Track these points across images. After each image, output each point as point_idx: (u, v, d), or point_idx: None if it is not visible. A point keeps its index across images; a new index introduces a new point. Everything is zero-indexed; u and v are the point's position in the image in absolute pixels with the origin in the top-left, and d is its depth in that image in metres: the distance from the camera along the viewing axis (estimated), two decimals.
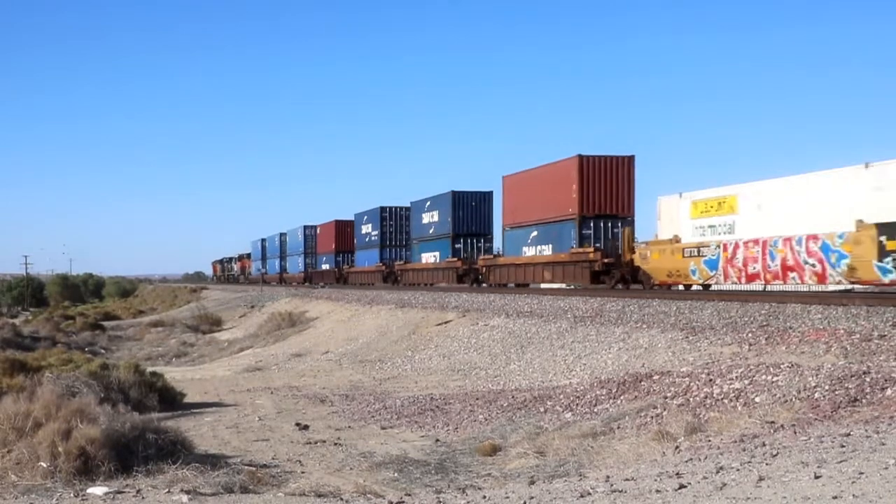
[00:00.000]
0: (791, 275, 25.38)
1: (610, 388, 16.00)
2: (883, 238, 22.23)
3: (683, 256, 30.20)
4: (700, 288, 29.78)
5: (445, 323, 30.45)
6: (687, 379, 14.76)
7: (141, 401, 19.34)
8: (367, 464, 13.66)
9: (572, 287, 38.94)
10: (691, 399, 13.67)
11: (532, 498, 8.44)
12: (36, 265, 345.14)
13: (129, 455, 11.97)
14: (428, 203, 55.85)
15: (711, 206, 29.31)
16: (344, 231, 73.28)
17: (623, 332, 21.10)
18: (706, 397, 13.52)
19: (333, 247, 75.53)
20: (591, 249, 36.63)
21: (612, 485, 8.53)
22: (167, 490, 9.94)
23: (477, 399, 18.60)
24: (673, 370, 16.15)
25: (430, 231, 55.51)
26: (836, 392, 12.01)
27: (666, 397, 14.16)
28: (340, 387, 23.44)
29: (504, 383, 20.50)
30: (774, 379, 13.31)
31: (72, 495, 9.61)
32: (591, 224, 37.74)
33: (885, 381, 12.04)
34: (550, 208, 40.10)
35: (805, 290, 25.80)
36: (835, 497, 6.55)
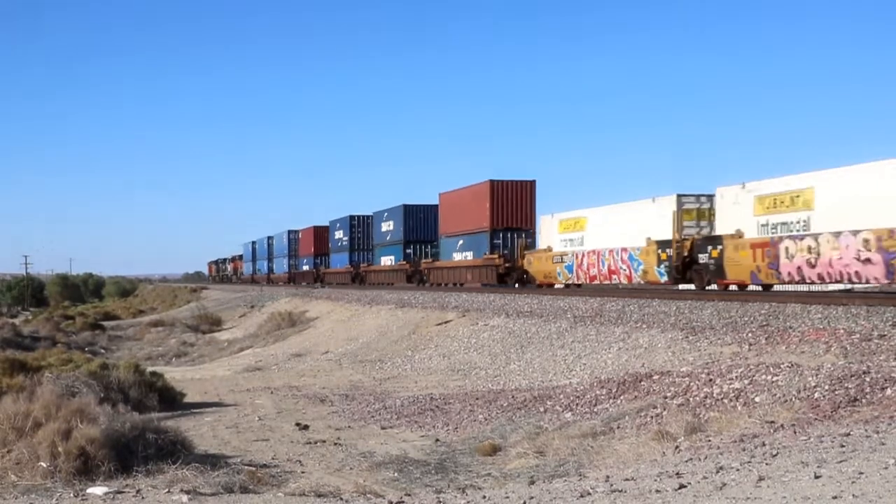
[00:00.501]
0: (614, 276, 35.83)
1: (610, 387, 16.00)
2: (660, 251, 32.02)
3: (553, 262, 40.67)
4: (562, 286, 39.81)
5: (445, 323, 30.45)
6: (687, 379, 14.76)
7: (141, 401, 19.32)
8: (367, 464, 13.67)
9: (486, 285, 47.17)
10: (691, 399, 13.67)
11: (532, 498, 8.44)
12: (36, 265, 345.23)
13: (129, 455, 11.96)
14: (386, 214, 64.20)
15: (570, 225, 39.69)
16: (321, 236, 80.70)
17: (623, 332, 21.10)
18: (706, 397, 13.53)
19: (312, 250, 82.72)
20: (496, 256, 46.54)
21: (611, 485, 8.53)
22: (167, 490, 9.94)
23: (477, 399, 18.60)
24: (673, 370, 16.15)
25: (388, 238, 63.56)
26: (836, 392, 12.01)
27: (666, 397, 14.16)
28: (340, 387, 23.44)
29: (504, 383, 20.49)
30: (774, 379, 13.31)
31: (72, 495, 9.61)
32: (500, 235, 47.00)
33: (885, 380, 12.04)
34: (471, 222, 49.49)
35: (804, 290, 25.91)
36: (835, 497, 6.55)
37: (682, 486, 7.82)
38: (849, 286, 27.31)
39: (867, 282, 24.29)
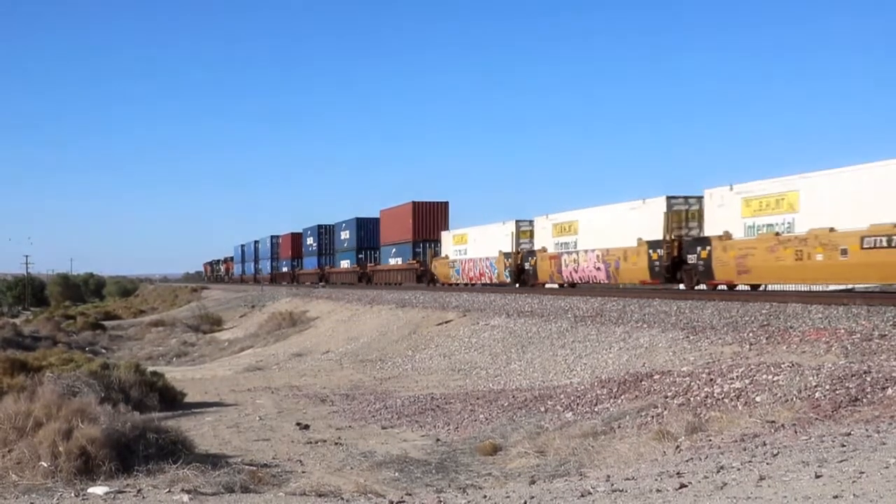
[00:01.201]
0: (483, 277, 48.95)
1: (610, 387, 15.99)
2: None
3: (449, 267, 53.72)
4: (455, 283, 51.48)
5: (446, 322, 30.46)
6: (688, 378, 14.76)
7: (141, 400, 19.35)
8: (367, 463, 13.67)
9: (408, 284, 58.87)
10: (692, 398, 13.66)
11: (532, 497, 8.44)
12: (37, 265, 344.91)
13: (129, 455, 11.98)
14: (343, 224, 76.77)
15: (458, 239, 52.94)
16: (297, 241, 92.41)
17: (624, 332, 21.10)
18: (707, 397, 13.52)
19: (290, 254, 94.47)
20: (416, 261, 59.05)
21: (612, 484, 8.53)
22: (168, 490, 9.94)
23: (477, 399, 18.61)
24: (674, 370, 16.15)
25: (345, 245, 76.01)
26: (837, 391, 12.01)
27: (667, 397, 14.16)
28: (341, 386, 23.45)
29: (505, 383, 20.50)
30: (775, 378, 13.31)
31: (72, 495, 9.61)
32: (421, 245, 59.31)
33: (886, 380, 12.04)
34: (400, 234, 62.47)
35: (805, 289, 25.90)
36: (835, 496, 6.55)
37: (682, 486, 7.82)
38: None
39: (599, 281, 36.40)
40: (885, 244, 21.55)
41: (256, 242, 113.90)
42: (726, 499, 7.05)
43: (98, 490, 9.83)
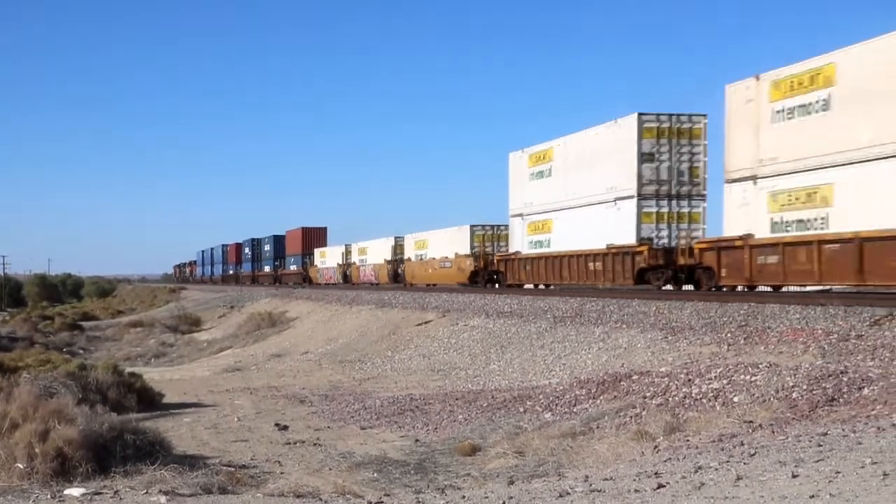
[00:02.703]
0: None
1: (589, 388, 16.03)
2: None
3: (318, 273, 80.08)
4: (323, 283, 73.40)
5: (425, 323, 30.44)
6: (666, 379, 14.81)
7: (119, 401, 19.25)
8: (346, 464, 13.63)
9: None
10: (670, 399, 13.71)
11: (511, 498, 8.44)
12: (14, 265, 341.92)
13: (106, 456, 11.89)
14: (266, 239, 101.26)
15: (321, 254, 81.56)
16: (239, 249, 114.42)
17: (603, 332, 21.14)
18: (685, 397, 13.57)
19: (234, 259, 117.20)
20: (302, 268, 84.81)
21: (591, 484, 8.54)
22: (145, 491, 9.87)
23: (457, 399, 18.60)
24: (652, 370, 16.20)
25: (267, 254, 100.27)
26: (814, 392, 12.08)
27: (645, 397, 14.20)
28: (320, 387, 23.40)
29: (484, 383, 20.50)
30: (753, 379, 13.37)
31: (49, 496, 9.53)
32: (307, 256, 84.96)
33: (862, 380, 12.11)
34: (295, 249, 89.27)
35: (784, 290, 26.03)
36: (812, 496, 6.58)
37: (660, 486, 7.84)
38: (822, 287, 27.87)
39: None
40: None
41: (213, 249, 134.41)
42: (704, 499, 7.07)
43: (74, 492, 9.75)
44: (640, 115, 30.37)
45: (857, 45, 20.96)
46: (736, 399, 12.78)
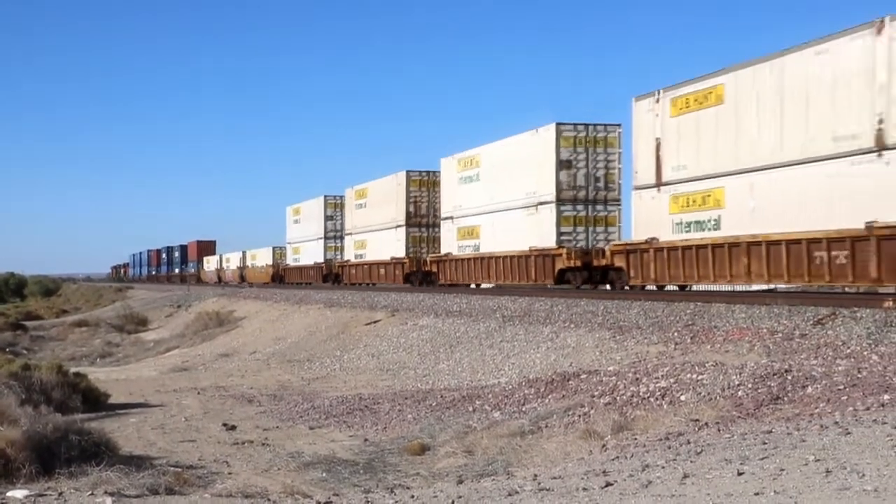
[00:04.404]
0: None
1: (538, 387, 16.10)
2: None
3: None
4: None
5: (374, 322, 30.37)
6: (614, 378, 14.91)
7: (64, 402, 18.96)
8: (295, 464, 13.57)
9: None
10: (618, 398, 13.81)
11: (460, 497, 8.46)
12: None
13: (51, 457, 11.73)
14: (177, 247, 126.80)
15: (225, 258, 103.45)
16: (159, 255, 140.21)
17: (551, 332, 21.22)
18: (633, 396, 13.68)
19: (156, 262, 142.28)
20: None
21: (539, 483, 8.59)
22: (90, 492, 9.75)
23: (406, 398, 18.59)
24: (600, 369, 16.31)
25: (177, 258, 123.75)
26: (759, 390, 12.24)
27: (593, 396, 14.29)
28: (268, 387, 23.26)
29: (433, 383, 20.51)
30: (699, 377, 13.52)
31: None
32: (200, 262, 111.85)
33: (806, 379, 12.29)
34: (195, 256, 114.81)
35: (729, 289, 26.39)
36: (756, 493, 6.67)
37: (608, 485, 7.90)
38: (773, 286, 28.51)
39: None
40: None
41: (141, 253, 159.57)
42: (651, 497, 7.14)
43: (18, 494, 9.61)
44: (558, 124, 32.44)
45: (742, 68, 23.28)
46: (683, 398, 12.91)
